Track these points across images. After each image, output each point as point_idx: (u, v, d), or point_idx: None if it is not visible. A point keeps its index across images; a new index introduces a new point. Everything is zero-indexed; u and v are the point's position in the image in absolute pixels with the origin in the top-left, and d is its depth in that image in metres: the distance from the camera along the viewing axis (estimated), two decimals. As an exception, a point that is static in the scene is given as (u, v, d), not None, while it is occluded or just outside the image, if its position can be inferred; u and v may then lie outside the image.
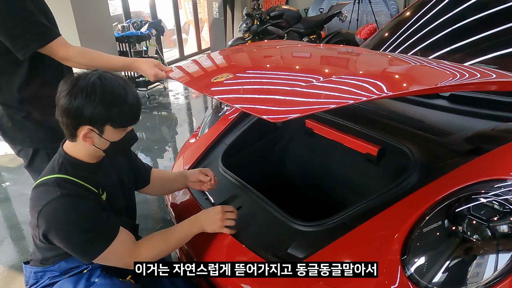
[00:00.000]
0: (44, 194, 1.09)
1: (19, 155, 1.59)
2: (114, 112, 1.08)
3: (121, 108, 1.09)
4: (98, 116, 1.06)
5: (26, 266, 1.31)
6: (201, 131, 2.11)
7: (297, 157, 2.00)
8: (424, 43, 2.20)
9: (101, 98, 1.05)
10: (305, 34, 5.76)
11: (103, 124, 1.09)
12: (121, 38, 5.27)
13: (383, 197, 1.25)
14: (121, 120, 1.11)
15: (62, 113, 1.08)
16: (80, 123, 1.08)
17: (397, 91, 1.10)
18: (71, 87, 1.06)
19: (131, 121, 1.15)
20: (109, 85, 1.08)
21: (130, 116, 1.13)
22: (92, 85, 1.06)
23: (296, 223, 1.29)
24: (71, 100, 1.05)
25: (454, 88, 1.35)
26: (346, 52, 1.80)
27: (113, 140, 1.15)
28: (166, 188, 1.61)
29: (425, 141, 1.45)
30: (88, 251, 1.11)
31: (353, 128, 1.63)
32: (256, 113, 0.98)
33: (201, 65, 1.58)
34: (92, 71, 1.11)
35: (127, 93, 1.11)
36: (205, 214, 1.31)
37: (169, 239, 1.25)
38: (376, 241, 1.13)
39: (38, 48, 1.35)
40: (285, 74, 1.36)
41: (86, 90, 1.05)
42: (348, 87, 1.16)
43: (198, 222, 1.29)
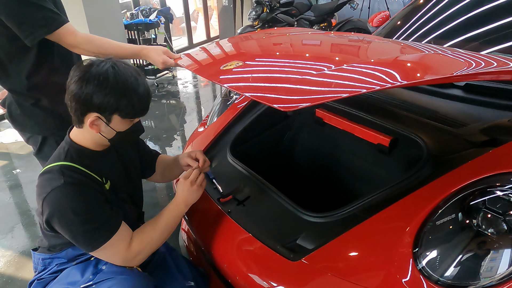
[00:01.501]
0: (49, 181, 1.09)
1: (28, 142, 1.59)
2: (124, 102, 1.07)
3: (131, 99, 1.08)
4: (107, 104, 1.06)
5: (35, 253, 1.33)
6: (210, 120, 2.09)
7: (307, 147, 1.98)
8: (439, 31, 2.14)
9: (112, 86, 1.05)
10: (315, 22, 5.67)
11: (112, 113, 1.09)
12: (130, 25, 5.24)
13: (395, 188, 1.22)
14: (129, 110, 1.10)
15: (72, 98, 1.07)
16: (88, 110, 1.07)
17: (412, 80, 1.06)
18: (83, 73, 1.05)
19: (140, 112, 1.15)
20: (122, 75, 1.07)
21: (139, 108, 1.13)
22: (105, 72, 1.05)
23: (306, 214, 1.27)
24: (82, 86, 1.05)
25: (470, 77, 1.31)
26: (358, 40, 1.75)
27: (120, 130, 1.14)
28: (166, 175, 1.60)
29: (439, 131, 1.41)
30: (89, 241, 1.11)
31: (365, 117, 1.60)
32: (266, 102, 0.96)
33: (210, 53, 1.55)
34: (106, 59, 1.10)
35: (138, 84, 1.10)
36: (181, 192, 1.29)
37: (159, 227, 1.24)
38: (387, 233, 1.11)
39: (46, 34, 1.34)
40: (296, 62, 1.33)
41: (98, 78, 1.04)
42: (361, 76, 1.13)
43: (181, 202, 1.29)
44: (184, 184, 1.29)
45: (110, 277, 1.15)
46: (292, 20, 5.84)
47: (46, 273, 1.27)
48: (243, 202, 1.42)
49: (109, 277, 1.15)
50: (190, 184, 1.29)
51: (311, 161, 1.96)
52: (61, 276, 1.23)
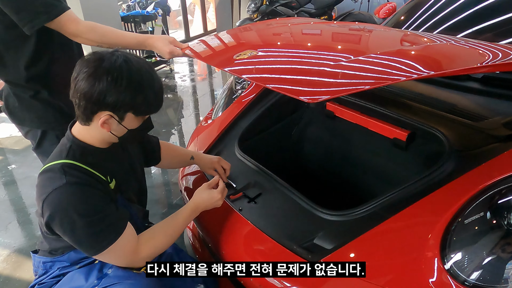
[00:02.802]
0: (50, 181, 1.02)
1: (27, 136, 1.51)
2: (140, 99, 1.00)
3: (147, 95, 1.02)
4: (122, 103, 0.99)
5: (35, 256, 1.26)
6: (215, 114, 2.02)
7: (317, 141, 1.91)
8: (450, 22, 2.08)
9: (128, 83, 0.97)
10: (316, 15, 5.59)
11: (126, 111, 1.02)
12: (126, 17, 5.13)
13: (417, 185, 1.16)
14: (145, 108, 1.04)
15: (82, 96, 0.98)
16: (100, 108, 1.00)
17: (438, 71, 1.01)
18: (94, 69, 0.97)
19: (155, 108, 1.08)
20: (136, 70, 1.00)
21: (154, 104, 1.06)
22: (119, 68, 0.97)
23: (322, 212, 1.21)
24: (94, 83, 0.96)
25: (498, 68, 1.24)
26: (369, 30, 1.69)
27: (132, 128, 1.07)
28: (174, 164, 1.57)
29: (459, 125, 1.36)
30: (93, 244, 1.04)
31: (379, 111, 1.54)
32: (291, 94, 0.90)
33: (219, 42, 1.48)
34: (113, 50, 1.02)
35: (153, 79, 1.04)
36: (202, 199, 1.25)
37: (170, 233, 1.19)
38: (412, 233, 1.06)
39: (46, 22, 1.26)
40: (310, 53, 1.26)
41: (112, 74, 0.96)
42: (380, 67, 1.07)
43: (200, 208, 1.25)
44: (212, 194, 1.25)
45: (116, 282, 1.08)
46: (292, 12, 5.75)
47: (48, 277, 1.20)
48: (254, 199, 1.36)
49: (115, 282, 1.08)
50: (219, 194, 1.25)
51: (322, 157, 1.90)
52: (64, 280, 1.16)
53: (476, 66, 1.12)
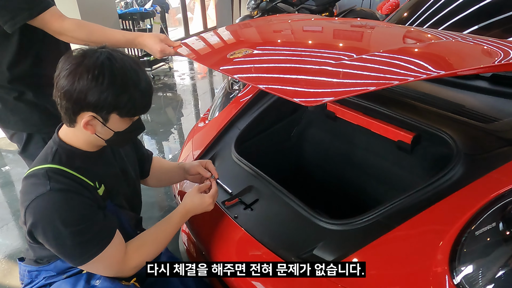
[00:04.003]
0: (33, 187, 0.95)
1: (12, 139, 1.45)
2: (124, 99, 0.92)
3: (132, 95, 0.93)
4: (104, 102, 0.91)
5: (21, 264, 1.19)
6: (211, 115, 1.95)
7: (317, 143, 1.83)
8: (456, 18, 1.99)
9: (109, 82, 0.90)
10: (316, 12, 5.50)
11: (109, 112, 0.94)
12: (124, 15, 5.05)
13: (424, 192, 1.09)
14: (130, 108, 0.95)
15: (62, 96, 0.92)
16: (82, 109, 0.93)
17: (447, 70, 0.93)
18: (75, 66, 0.90)
19: (141, 110, 1.00)
20: (120, 67, 0.92)
21: (140, 105, 0.98)
22: (100, 65, 0.90)
23: (322, 220, 1.14)
24: (74, 82, 0.89)
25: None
26: (372, 27, 1.61)
27: (118, 130, 0.99)
28: (163, 180, 1.47)
29: (467, 127, 1.28)
30: (79, 255, 0.98)
31: (382, 112, 1.46)
32: (286, 95, 0.82)
33: (213, 40, 1.40)
34: (100, 48, 0.95)
35: (139, 78, 0.95)
36: (193, 204, 1.18)
37: (160, 240, 1.13)
38: (418, 245, 0.98)
39: (28, 19, 1.19)
40: (310, 51, 1.19)
41: (93, 72, 0.89)
42: (386, 66, 0.99)
43: (190, 213, 1.18)
44: (202, 198, 1.18)
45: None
46: (293, 9, 5.67)
47: (33, 286, 1.14)
48: (250, 205, 1.29)
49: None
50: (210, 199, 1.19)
51: (322, 160, 1.82)
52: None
53: (489, 66, 1.04)
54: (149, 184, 1.45)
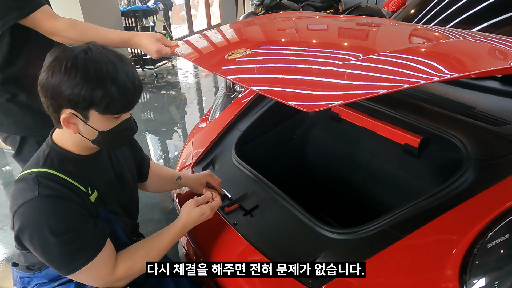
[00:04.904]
0: (22, 192, 0.91)
1: (6, 142, 1.40)
2: (99, 94, 0.85)
3: (108, 90, 0.86)
4: (78, 97, 0.85)
5: (14, 269, 1.16)
6: (212, 115, 1.89)
7: (320, 146, 1.77)
8: (466, 14, 1.92)
9: (82, 75, 0.84)
10: (321, 8, 5.41)
11: (86, 108, 0.88)
12: (126, 12, 5.00)
13: (432, 200, 1.03)
14: (107, 104, 0.88)
15: (40, 91, 0.89)
16: (60, 106, 0.88)
17: (461, 72, 0.86)
18: (51, 60, 0.87)
19: (122, 107, 0.92)
20: (95, 60, 0.86)
21: (120, 101, 0.89)
22: (73, 58, 0.85)
23: (325, 229, 1.08)
24: (48, 76, 0.86)
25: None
26: (379, 25, 1.54)
27: (102, 130, 0.93)
28: (160, 186, 1.42)
29: (478, 130, 1.22)
30: (65, 264, 0.93)
31: (388, 113, 1.40)
32: (282, 99, 0.76)
33: (212, 39, 1.35)
34: (86, 43, 0.90)
35: (117, 71, 0.88)
36: (191, 219, 1.13)
37: (153, 254, 1.07)
38: (427, 256, 0.93)
39: (18, 19, 1.14)
40: (314, 50, 1.13)
41: (65, 64, 0.84)
42: (396, 67, 0.93)
43: (188, 227, 1.13)
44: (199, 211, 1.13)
45: None
46: (297, 6, 5.58)
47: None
48: (250, 212, 1.24)
49: (94, 303, 0.98)
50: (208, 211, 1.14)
51: (325, 163, 1.76)
52: (41, 298, 1.06)
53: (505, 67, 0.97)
54: (146, 189, 1.41)
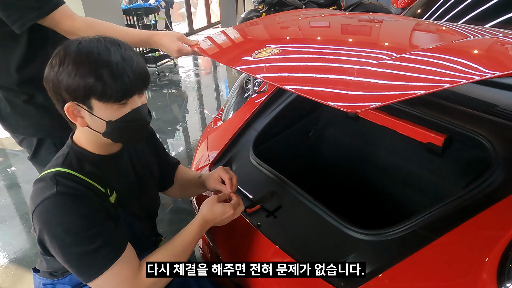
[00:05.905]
0: (40, 191, 0.88)
1: (22, 144, 1.38)
2: (91, 79, 0.82)
3: (100, 75, 0.82)
4: (75, 86, 0.82)
5: (35, 275, 1.14)
6: (225, 115, 1.87)
7: (338, 145, 1.75)
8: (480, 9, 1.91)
9: (75, 62, 0.82)
10: (324, 5, 5.39)
11: (86, 97, 0.84)
12: (128, 10, 4.96)
13: (463, 199, 1.01)
14: (104, 90, 0.83)
15: (46, 86, 0.89)
16: (64, 99, 0.86)
17: (503, 71, 0.84)
18: (53, 56, 0.87)
19: (120, 92, 0.85)
20: (86, 46, 0.84)
21: (114, 84, 0.83)
22: (67, 47, 0.84)
23: (353, 230, 1.07)
24: (49, 69, 0.86)
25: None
26: (400, 22, 1.52)
27: (110, 120, 0.89)
28: (187, 191, 1.37)
29: (504, 129, 1.20)
30: (86, 267, 0.88)
31: (409, 111, 1.38)
32: (321, 99, 0.74)
33: (234, 38, 1.32)
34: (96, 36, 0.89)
35: (110, 54, 0.83)
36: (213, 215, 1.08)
37: (178, 254, 1.02)
38: (462, 258, 0.91)
39: (38, 19, 1.11)
40: (342, 49, 1.10)
41: (60, 55, 0.84)
42: (432, 67, 0.90)
43: (209, 224, 1.08)
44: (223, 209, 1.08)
45: None
46: (300, 3, 5.55)
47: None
48: (273, 213, 1.22)
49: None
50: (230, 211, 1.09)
51: (343, 162, 1.74)
52: (65, 306, 1.04)
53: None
54: (171, 194, 1.36)
